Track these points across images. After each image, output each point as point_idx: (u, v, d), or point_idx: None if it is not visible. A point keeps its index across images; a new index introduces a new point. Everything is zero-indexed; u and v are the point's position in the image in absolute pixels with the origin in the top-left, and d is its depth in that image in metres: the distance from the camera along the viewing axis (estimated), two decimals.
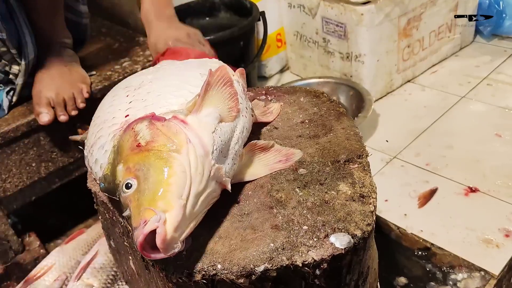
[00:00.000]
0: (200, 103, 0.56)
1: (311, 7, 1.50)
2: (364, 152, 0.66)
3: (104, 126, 0.61)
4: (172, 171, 0.50)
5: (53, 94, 0.95)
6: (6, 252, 1.07)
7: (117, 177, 0.53)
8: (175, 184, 0.49)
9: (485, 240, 0.99)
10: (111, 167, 0.54)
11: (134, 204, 0.49)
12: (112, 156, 0.55)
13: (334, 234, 0.54)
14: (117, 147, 0.55)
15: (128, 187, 0.51)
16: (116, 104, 0.65)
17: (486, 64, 1.60)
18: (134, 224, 0.48)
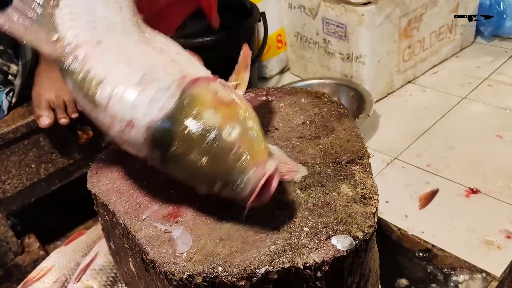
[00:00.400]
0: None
1: (312, 7, 1.50)
2: (365, 153, 0.66)
3: (159, 71, 0.56)
4: (259, 128, 0.55)
5: (53, 97, 0.95)
6: (5, 253, 1.07)
7: (205, 120, 0.52)
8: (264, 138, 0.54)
9: (487, 242, 0.99)
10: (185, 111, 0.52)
11: (244, 147, 0.51)
12: (186, 102, 0.53)
13: (335, 236, 0.54)
14: (190, 97, 0.53)
15: (231, 133, 0.51)
16: (164, 58, 0.59)
17: (487, 65, 1.60)
18: (253, 164, 0.50)
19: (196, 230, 0.57)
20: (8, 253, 1.07)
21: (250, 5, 1.52)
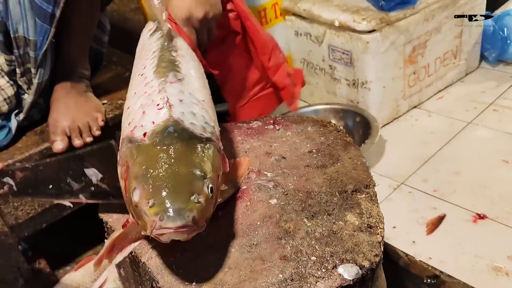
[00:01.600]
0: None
1: (318, 35, 1.53)
2: (371, 182, 0.67)
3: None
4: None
5: (69, 123, 0.98)
6: (16, 278, 1.08)
7: (203, 164, 0.55)
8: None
9: (495, 268, 0.99)
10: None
11: (205, 205, 0.52)
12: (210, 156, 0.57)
13: (342, 265, 0.55)
14: (213, 152, 0.57)
15: (211, 190, 0.53)
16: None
17: (492, 89, 1.61)
18: (199, 217, 0.51)
19: (205, 258, 0.58)
20: (18, 278, 1.08)
21: None
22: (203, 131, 0.57)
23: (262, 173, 0.70)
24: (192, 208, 0.50)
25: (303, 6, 1.53)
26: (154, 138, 0.55)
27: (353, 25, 1.38)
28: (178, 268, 0.58)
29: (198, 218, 0.50)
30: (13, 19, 0.93)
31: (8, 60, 1.00)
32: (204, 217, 0.52)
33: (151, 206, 0.50)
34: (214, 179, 0.55)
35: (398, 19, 1.39)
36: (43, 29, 0.93)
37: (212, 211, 0.55)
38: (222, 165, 0.59)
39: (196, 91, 0.62)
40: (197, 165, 0.54)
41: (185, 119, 0.57)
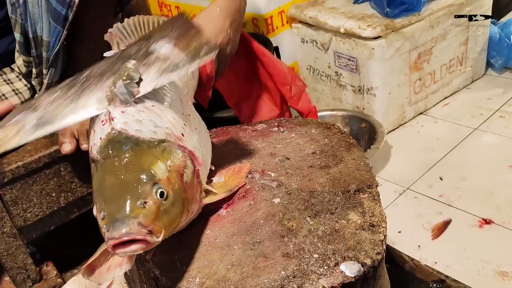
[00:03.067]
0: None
1: (324, 42, 1.54)
2: (374, 182, 0.67)
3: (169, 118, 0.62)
4: (185, 220, 0.58)
5: (77, 126, 1.00)
6: (24, 281, 1.09)
7: (153, 167, 0.54)
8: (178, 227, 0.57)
9: (501, 273, 0.98)
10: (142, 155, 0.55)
11: (153, 209, 0.51)
12: (160, 145, 0.56)
13: (344, 262, 0.55)
14: (165, 146, 0.57)
15: (161, 195, 0.52)
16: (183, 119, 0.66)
17: (498, 96, 1.61)
18: (146, 222, 0.50)
19: (208, 256, 0.59)
20: (26, 280, 1.10)
21: (264, 40, 1.57)
22: (153, 135, 0.57)
23: (266, 173, 0.71)
24: (137, 214, 0.49)
25: (309, 14, 1.55)
26: (102, 153, 0.55)
27: (358, 31, 1.40)
28: (182, 266, 0.58)
29: (146, 222, 0.49)
30: (31, 20, 0.96)
31: (26, 61, 1.03)
32: (157, 220, 0.51)
33: (103, 219, 0.50)
34: (172, 178, 0.54)
35: (404, 25, 1.40)
36: (56, 30, 0.95)
37: (177, 216, 0.54)
38: (188, 161, 0.58)
39: (144, 99, 0.61)
40: (144, 169, 0.53)
41: (129, 127, 0.56)
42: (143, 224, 0.49)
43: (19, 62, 1.03)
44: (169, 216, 0.53)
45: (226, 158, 0.78)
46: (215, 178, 0.69)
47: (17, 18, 0.96)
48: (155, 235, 0.50)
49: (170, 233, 0.54)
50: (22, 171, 0.99)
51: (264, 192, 0.67)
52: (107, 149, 0.55)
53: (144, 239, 0.49)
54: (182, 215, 0.56)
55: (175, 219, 0.54)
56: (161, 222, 0.51)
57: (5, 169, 0.97)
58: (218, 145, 0.82)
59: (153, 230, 0.50)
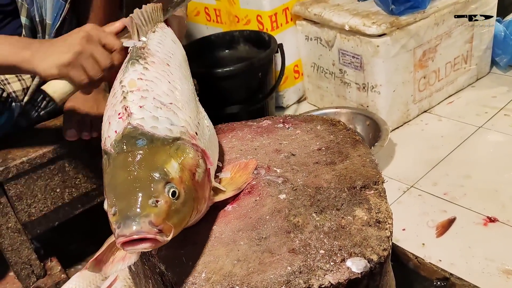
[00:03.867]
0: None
1: (328, 39, 1.54)
2: (380, 179, 0.67)
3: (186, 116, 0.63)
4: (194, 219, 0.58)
5: (82, 115, 1.00)
6: (28, 276, 1.10)
7: (166, 166, 0.54)
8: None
9: (505, 271, 0.98)
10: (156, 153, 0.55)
11: (165, 208, 0.51)
12: (174, 144, 0.56)
13: (350, 258, 0.55)
14: (180, 145, 0.57)
15: (173, 194, 0.52)
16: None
17: (503, 94, 1.60)
18: (157, 221, 0.50)
19: (214, 251, 0.59)
20: (31, 275, 1.10)
21: (268, 37, 1.57)
22: (168, 132, 0.57)
23: (272, 169, 0.71)
24: (148, 213, 0.49)
25: (313, 11, 1.54)
26: (116, 147, 0.55)
27: (363, 29, 1.39)
28: (188, 261, 0.58)
29: (157, 221, 0.49)
30: (37, 3, 0.96)
31: None
32: (167, 219, 0.50)
33: (114, 215, 0.50)
34: (185, 177, 0.54)
35: (409, 23, 1.40)
36: (57, 4, 0.96)
37: (186, 214, 0.54)
38: (201, 161, 0.58)
39: (163, 95, 0.61)
40: (157, 167, 0.53)
41: (145, 124, 0.56)
42: (154, 223, 0.49)
43: None
44: (179, 215, 0.53)
45: (232, 154, 0.78)
46: (221, 174, 0.69)
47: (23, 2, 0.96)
48: (165, 234, 0.50)
49: (179, 231, 0.54)
50: (26, 166, 1.00)
51: (269, 188, 0.67)
52: (122, 144, 0.55)
53: (154, 238, 0.49)
54: (192, 214, 0.56)
55: (185, 218, 0.54)
56: (172, 221, 0.51)
57: (9, 165, 0.98)
58: (223, 141, 0.82)
59: (163, 229, 0.50)
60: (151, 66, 0.66)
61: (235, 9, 1.69)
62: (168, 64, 0.69)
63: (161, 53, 0.71)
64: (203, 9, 1.83)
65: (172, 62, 0.71)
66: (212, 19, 1.82)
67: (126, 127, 0.56)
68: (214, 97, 1.45)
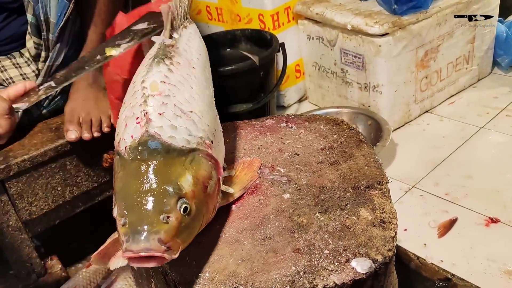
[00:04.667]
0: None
1: (330, 39, 1.54)
2: (384, 179, 0.67)
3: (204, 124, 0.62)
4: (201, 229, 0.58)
5: (83, 114, 1.00)
6: (29, 274, 1.09)
7: (180, 179, 0.53)
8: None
9: (507, 272, 0.98)
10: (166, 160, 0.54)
11: (175, 225, 0.50)
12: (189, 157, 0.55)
13: (355, 258, 0.55)
14: (195, 158, 0.56)
15: (185, 210, 0.51)
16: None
17: (505, 95, 1.60)
18: (166, 239, 0.49)
19: (218, 251, 0.59)
20: (31, 274, 1.10)
21: (270, 36, 1.56)
22: (185, 143, 0.55)
23: (275, 168, 0.71)
24: (158, 230, 0.48)
25: (315, 10, 1.54)
26: (131, 154, 0.54)
27: (365, 28, 1.39)
28: (191, 260, 0.58)
29: (166, 239, 0.48)
30: (42, 1, 0.96)
31: (37, 43, 1.03)
32: (177, 236, 0.50)
33: (123, 225, 0.49)
34: (197, 191, 0.53)
35: (411, 23, 1.39)
36: (62, 4, 0.95)
37: (195, 229, 0.54)
38: (213, 172, 0.57)
39: (184, 103, 0.59)
40: (171, 181, 0.52)
41: (163, 133, 0.54)
42: (163, 240, 0.48)
43: (29, 44, 1.03)
44: (189, 231, 0.53)
45: (235, 153, 0.77)
46: (225, 172, 0.69)
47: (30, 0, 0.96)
48: (173, 252, 0.50)
49: (186, 246, 0.53)
50: (28, 164, 0.99)
51: (273, 187, 0.67)
52: (137, 151, 0.53)
53: (161, 256, 0.48)
54: (201, 227, 0.56)
55: (193, 233, 0.54)
56: (181, 237, 0.51)
57: (11, 163, 0.97)
58: (226, 140, 0.82)
59: (172, 246, 0.49)
60: (176, 67, 0.64)
61: (236, 8, 1.68)
62: (194, 67, 0.68)
63: (188, 53, 0.69)
64: (204, 8, 1.82)
65: (198, 65, 0.69)
66: (213, 17, 1.82)
67: (143, 135, 0.54)
68: (215, 96, 1.45)
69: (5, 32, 1.03)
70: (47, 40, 1.01)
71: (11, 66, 1.04)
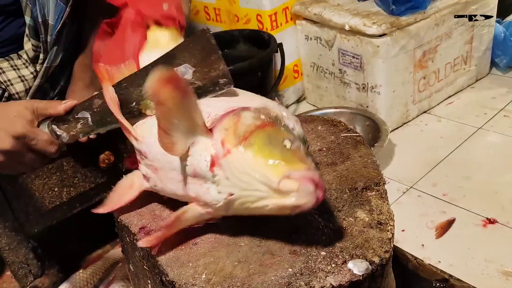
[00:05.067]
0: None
1: (328, 39, 1.54)
2: (381, 180, 0.67)
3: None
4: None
5: None
6: (26, 275, 1.09)
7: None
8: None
9: (505, 273, 0.98)
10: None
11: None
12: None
13: (352, 260, 0.55)
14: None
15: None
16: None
17: (503, 95, 1.60)
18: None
19: (215, 252, 0.58)
20: (28, 275, 1.09)
21: (268, 37, 1.56)
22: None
23: None
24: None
25: (313, 11, 1.54)
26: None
27: (363, 29, 1.39)
28: (188, 262, 0.58)
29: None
30: (39, 3, 0.95)
31: (35, 45, 1.02)
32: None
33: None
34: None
35: (409, 23, 1.40)
36: (59, 7, 0.95)
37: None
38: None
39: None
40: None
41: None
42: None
43: (28, 46, 1.02)
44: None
45: None
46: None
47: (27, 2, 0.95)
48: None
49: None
50: None
51: None
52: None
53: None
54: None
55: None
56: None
57: None
58: None
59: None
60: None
61: (234, 8, 1.68)
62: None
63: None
64: (202, 8, 1.82)
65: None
66: (211, 18, 1.82)
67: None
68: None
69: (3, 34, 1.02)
70: (45, 42, 1.01)
71: (9, 68, 1.04)
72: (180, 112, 0.53)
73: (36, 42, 1.02)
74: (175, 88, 0.51)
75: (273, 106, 0.62)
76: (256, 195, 0.52)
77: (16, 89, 1.02)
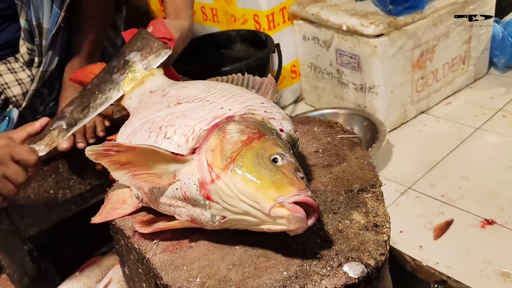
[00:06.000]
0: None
1: (326, 39, 1.53)
2: (377, 182, 0.66)
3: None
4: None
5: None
6: (21, 277, 1.08)
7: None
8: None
9: (503, 274, 0.97)
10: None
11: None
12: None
13: (347, 263, 0.54)
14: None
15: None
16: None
17: (501, 95, 1.60)
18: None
19: (209, 255, 0.58)
20: (24, 277, 1.09)
21: (265, 37, 1.56)
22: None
23: None
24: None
25: (311, 11, 1.53)
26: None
27: (361, 29, 1.38)
28: (182, 265, 0.57)
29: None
30: (34, 6, 0.95)
31: (30, 49, 1.02)
32: None
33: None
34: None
35: (406, 23, 1.39)
36: (54, 12, 0.95)
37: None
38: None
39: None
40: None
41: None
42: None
43: (23, 50, 1.02)
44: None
45: None
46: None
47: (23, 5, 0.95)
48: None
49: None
50: None
51: None
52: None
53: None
54: None
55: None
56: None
57: None
58: None
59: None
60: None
61: (231, 9, 1.68)
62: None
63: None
64: (199, 8, 1.82)
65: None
66: (208, 18, 1.81)
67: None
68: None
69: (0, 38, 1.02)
70: (40, 46, 1.00)
71: (7, 71, 1.03)
72: (141, 161, 0.57)
73: (31, 45, 1.01)
74: (114, 154, 0.57)
75: (256, 105, 0.61)
76: (249, 219, 0.53)
77: (13, 92, 1.02)
